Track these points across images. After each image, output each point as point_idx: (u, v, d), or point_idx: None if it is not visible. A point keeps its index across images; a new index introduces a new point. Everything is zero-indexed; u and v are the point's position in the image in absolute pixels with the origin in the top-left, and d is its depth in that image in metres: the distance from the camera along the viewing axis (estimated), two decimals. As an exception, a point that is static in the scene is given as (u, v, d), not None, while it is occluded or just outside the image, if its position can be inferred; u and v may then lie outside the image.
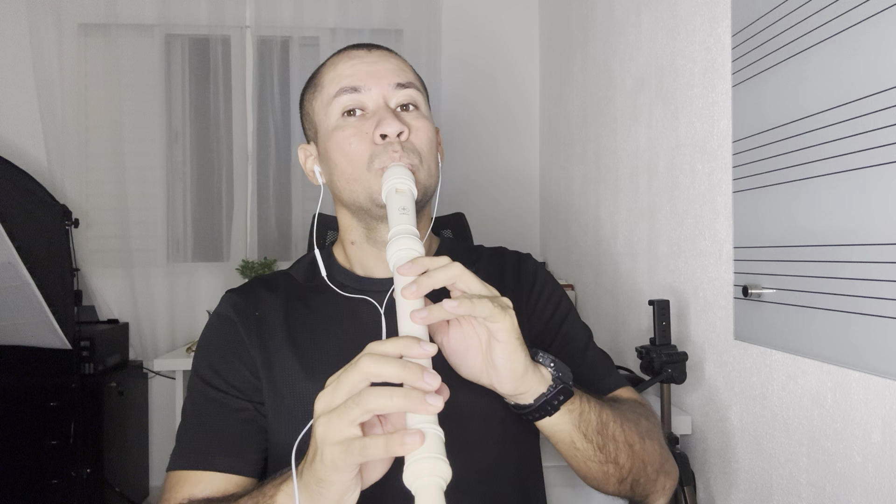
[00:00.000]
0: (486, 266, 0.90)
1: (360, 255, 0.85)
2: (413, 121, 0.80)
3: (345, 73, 0.81)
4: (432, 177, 0.82)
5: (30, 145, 2.71)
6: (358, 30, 2.83)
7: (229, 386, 0.79)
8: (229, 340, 0.82)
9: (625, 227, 1.87)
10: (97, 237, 2.76)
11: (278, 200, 2.87)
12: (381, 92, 0.80)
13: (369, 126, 0.78)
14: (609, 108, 2.00)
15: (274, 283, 0.88)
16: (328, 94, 0.82)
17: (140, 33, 2.78)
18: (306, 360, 0.79)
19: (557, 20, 2.65)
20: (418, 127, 0.80)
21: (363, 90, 0.80)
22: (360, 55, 0.83)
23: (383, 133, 0.77)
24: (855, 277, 0.93)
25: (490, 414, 0.77)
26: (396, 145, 0.77)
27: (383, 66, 0.82)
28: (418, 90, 0.83)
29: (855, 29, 0.93)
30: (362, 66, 0.81)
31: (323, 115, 0.83)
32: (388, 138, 0.77)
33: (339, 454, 0.52)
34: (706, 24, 1.39)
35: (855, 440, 0.96)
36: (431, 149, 0.82)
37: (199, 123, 2.86)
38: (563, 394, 0.68)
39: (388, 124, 0.77)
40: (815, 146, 1.01)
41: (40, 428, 2.28)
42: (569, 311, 0.91)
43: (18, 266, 2.01)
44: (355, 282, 0.84)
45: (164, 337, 2.76)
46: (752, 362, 1.22)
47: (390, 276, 0.83)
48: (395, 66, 0.83)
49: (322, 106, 0.83)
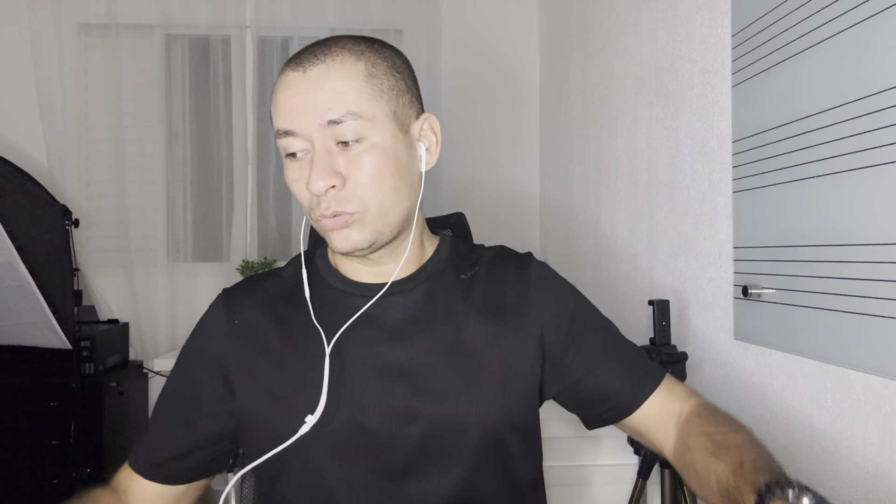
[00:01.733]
0: (486, 273, 0.86)
1: (345, 263, 0.84)
2: (351, 161, 0.71)
3: (279, 108, 0.73)
4: (385, 215, 0.74)
5: (30, 145, 2.71)
6: (358, 30, 2.83)
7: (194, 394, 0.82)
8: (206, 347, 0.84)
9: (625, 227, 1.87)
10: (97, 237, 2.76)
11: (278, 200, 2.87)
12: (311, 133, 0.71)
13: (306, 173, 0.72)
14: (609, 108, 2.00)
15: (267, 284, 0.88)
16: (275, 127, 0.75)
17: (140, 33, 2.77)
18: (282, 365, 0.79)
19: (557, 20, 2.65)
20: (359, 166, 0.71)
21: (295, 132, 0.72)
22: (294, 81, 0.72)
23: (310, 190, 0.71)
24: (854, 277, 0.93)
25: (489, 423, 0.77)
26: (327, 200, 0.71)
27: (315, 97, 0.70)
28: (360, 117, 0.71)
29: (855, 29, 0.93)
30: (294, 98, 0.72)
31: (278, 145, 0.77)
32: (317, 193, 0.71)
33: None
34: (706, 24, 1.39)
35: (855, 440, 0.96)
36: (381, 184, 0.73)
37: (199, 123, 2.86)
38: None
39: (311, 182, 0.70)
40: (815, 146, 1.01)
41: (40, 428, 2.27)
42: (585, 312, 0.88)
43: (18, 266, 2.01)
44: (347, 286, 0.83)
45: (164, 337, 2.76)
46: (752, 362, 1.22)
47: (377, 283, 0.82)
48: (333, 91, 0.70)
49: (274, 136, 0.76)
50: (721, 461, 0.69)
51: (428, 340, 0.78)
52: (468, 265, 0.86)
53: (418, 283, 0.82)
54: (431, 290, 0.82)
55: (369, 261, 0.81)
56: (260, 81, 2.83)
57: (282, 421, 0.75)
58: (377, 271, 0.82)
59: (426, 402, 0.75)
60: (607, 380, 0.84)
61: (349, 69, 0.72)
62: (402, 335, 0.79)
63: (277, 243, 2.86)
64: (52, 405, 2.28)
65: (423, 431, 0.75)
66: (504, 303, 0.83)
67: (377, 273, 0.82)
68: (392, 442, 0.75)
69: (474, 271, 0.86)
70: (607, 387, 0.83)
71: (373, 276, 0.83)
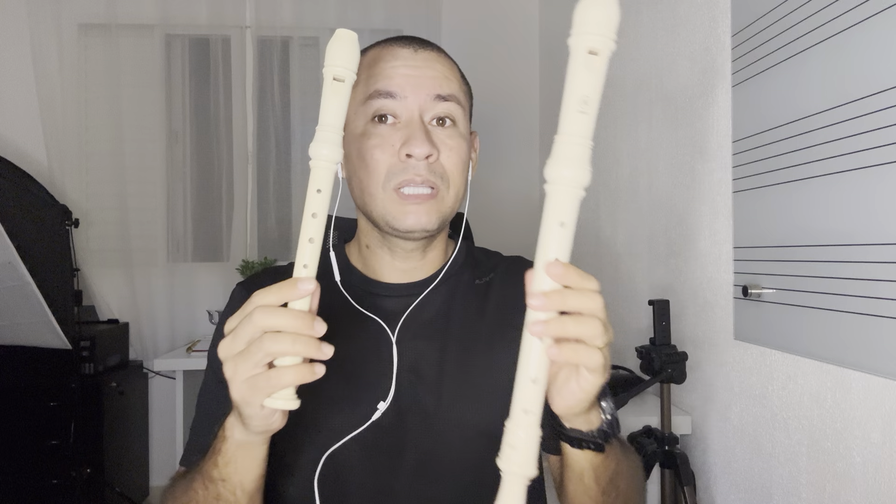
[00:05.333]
0: (501, 281, 0.85)
1: (373, 260, 0.83)
2: (446, 139, 0.74)
3: (383, 73, 0.74)
4: (454, 203, 0.76)
5: (30, 145, 2.71)
6: (358, 30, 2.79)
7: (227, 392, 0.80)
8: None
9: (625, 227, 1.87)
10: (97, 237, 2.76)
11: (278, 200, 2.87)
12: (418, 103, 0.73)
13: (397, 139, 0.72)
14: (609, 109, 2.00)
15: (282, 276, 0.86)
16: (362, 93, 0.75)
17: (140, 33, 2.78)
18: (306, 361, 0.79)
19: (557, 20, 2.65)
20: (451, 147, 0.74)
21: (399, 97, 0.73)
22: (405, 56, 0.75)
23: (409, 153, 0.72)
24: (854, 277, 0.93)
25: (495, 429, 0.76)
26: (421, 167, 0.72)
27: (427, 72, 0.75)
28: (459, 104, 0.76)
29: (855, 29, 0.93)
30: (404, 69, 0.74)
31: (353, 113, 0.75)
32: (414, 158, 0.72)
33: (248, 391, 0.55)
34: (706, 24, 1.39)
35: (855, 440, 0.96)
36: (462, 172, 0.76)
37: (199, 123, 2.86)
38: (595, 446, 0.65)
39: (416, 144, 0.71)
40: (815, 146, 1.01)
41: (40, 428, 2.28)
42: None
43: (18, 266, 2.01)
44: (365, 284, 0.82)
45: (164, 337, 2.76)
46: (752, 362, 1.22)
47: (400, 282, 0.81)
48: (440, 73, 0.75)
49: (353, 103, 0.75)
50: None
51: (441, 342, 0.78)
52: (483, 271, 0.86)
53: (438, 286, 0.82)
54: (448, 293, 0.82)
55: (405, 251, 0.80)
56: (260, 81, 2.83)
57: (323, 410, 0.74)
58: (405, 268, 0.82)
59: (435, 404, 0.75)
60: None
61: (451, 65, 0.79)
62: (418, 335, 0.79)
63: (277, 243, 2.86)
64: (52, 405, 2.28)
65: (431, 433, 0.75)
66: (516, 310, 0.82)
67: (404, 271, 0.82)
68: (401, 442, 0.75)
69: (490, 277, 0.85)
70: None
71: (398, 274, 0.82)
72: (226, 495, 0.66)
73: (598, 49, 0.51)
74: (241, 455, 0.64)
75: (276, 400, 0.55)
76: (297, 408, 0.57)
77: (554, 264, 0.52)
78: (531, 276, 0.53)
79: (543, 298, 0.52)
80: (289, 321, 0.55)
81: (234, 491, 0.66)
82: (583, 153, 0.52)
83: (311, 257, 0.58)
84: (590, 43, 0.51)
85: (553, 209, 0.53)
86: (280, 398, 0.55)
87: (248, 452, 0.64)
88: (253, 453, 0.64)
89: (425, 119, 0.74)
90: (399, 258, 0.81)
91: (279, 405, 0.55)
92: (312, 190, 0.57)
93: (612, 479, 0.70)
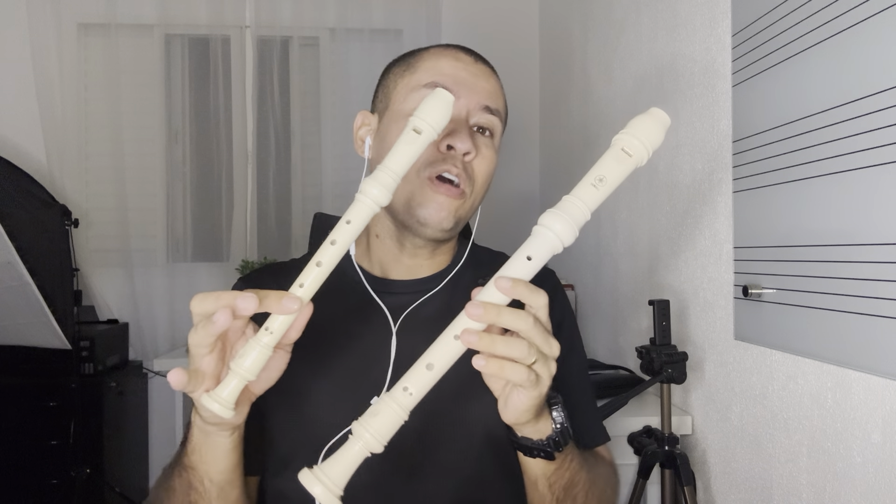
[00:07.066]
0: None
1: (381, 252, 0.83)
2: (483, 147, 0.78)
3: (444, 71, 0.78)
4: (470, 212, 0.80)
5: (30, 145, 2.71)
6: (358, 30, 2.83)
7: None
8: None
9: (625, 227, 1.87)
10: (97, 237, 2.76)
11: (278, 200, 2.87)
12: (468, 105, 0.78)
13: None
14: (609, 108, 2.00)
15: (283, 273, 0.85)
16: (418, 80, 0.78)
17: (140, 33, 2.77)
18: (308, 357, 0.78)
19: (557, 20, 2.65)
20: (485, 155, 0.78)
21: (454, 93, 0.77)
22: (466, 61, 0.80)
23: (452, 145, 0.75)
24: (855, 277, 0.93)
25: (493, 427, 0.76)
26: (459, 161, 0.75)
27: (482, 83, 0.80)
28: (500, 120, 0.81)
29: (855, 29, 0.93)
30: (463, 73, 0.79)
31: (403, 95, 0.79)
32: (454, 152, 0.75)
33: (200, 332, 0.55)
34: (706, 24, 1.39)
35: (855, 440, 0.96)
36: (485, 182, 0.80)
37: (199, 123, 2.86)
38: (545, 454, 0.67)
39: (461, 139, 0.74)
40: (815, 146, 1.01)
41: (40, 428, 2.28)
42: (571, 347, 0.87)
43: (18, 266, 2.01)
44: (367, 280, 0.82)
45: (164, 337, 2.76)
46: (752, 362, 1.22)
47: (406, 279, 0.82)
48: (492, 88, 0.81)
49: (406, 87, 0.79)
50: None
51: None
52: (486, 270, 0.87)
53: (442, 282, 0.83)
54: (450, 291, 0.83)
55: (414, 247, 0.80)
56: (260, 81, 2.83)
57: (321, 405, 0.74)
58: (410, 264, 0.82)
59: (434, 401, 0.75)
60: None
61: (501, 85, 0.84)
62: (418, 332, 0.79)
63: (277, 243, 2.86)
64: (52, 405, 2.28)
65: (431, 430, 0.75)
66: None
67: (409, 267, 0.82)
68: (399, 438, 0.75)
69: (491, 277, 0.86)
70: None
71: (402, 269, 0.82)
72: (195, 484, 0.66)
73: (632, 153, 0.59)
74: (205, 444, 0.64)
75: (212, 403, 0.55)
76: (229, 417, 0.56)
77: (503, 278, 0.56)
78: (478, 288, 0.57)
79: (480, 309, 0.55)
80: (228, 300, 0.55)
81: (202, 480, 0.66)
82: (580, 218, 0.56)
83: (312, 280, 0.58)
84: (630, 145, 0.59)
85: (530, 246, 0.57)
86: (216, 402, 0.55)
87: (210, 441, 0.64)
88: (215, 443, 0.64)
89: (470, 121, 0.78)
90: (407, 253, 0.82)
91: (214, 408, 0.55)
92: (343, 220, 0.58)
93: (567, 488, 0.71)
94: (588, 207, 0.56)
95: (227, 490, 0.67)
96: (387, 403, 0.55)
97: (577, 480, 0.72)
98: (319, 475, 0.54)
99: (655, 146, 0.59)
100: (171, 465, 0.72)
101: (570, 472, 0.71)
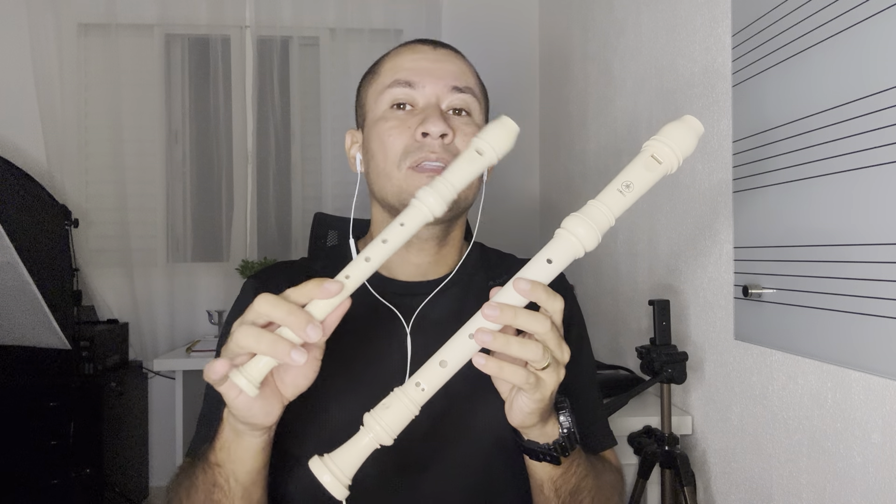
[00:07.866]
0: None
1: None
2: (462, 125, 0.78)
3: (403, 66, 0.79)
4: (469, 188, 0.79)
5: (30, 145, 2.71)
6: (358, 30, 2.83)
7: None
8: None
9: (625, 227, 1.87)
10: (97, 237, 2.76)
11: (278, 200, 2.87)
12: (435, 91, 0.78)
13: (414, 122, 0.76)
14: (609, 108, 2.00)
15: (293, 272, 0.85)
16: (382, 83, 0.79)
17: (140, 33, 2.78)
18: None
19: (557, 20, 2.65)
20: (466, 133, 0.77)
21: (417, 86, 0.77)
22: (424, 51, 0.81)
23: (425, 131, 0.74)
24: (855, 277, 0.93)
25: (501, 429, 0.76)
26: (436, 145, 0.74)
27: (444, 66, 0.79)
28: (475, 97, 0.80)
29: (855, 29, 0.93)
30: (423, 62, 0.79)
31: (373, 103, 0.80)
32: (430, 137, 0.75)
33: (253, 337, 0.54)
34: (706, 24, 1.39)
35: (855, 440, 0.96)
36: None
37: (199, 123, 2.86)
38: (551, 458, 0.67)
39: (432, 123, 0.74)
40: (815, 146, 1.01)
41: (40, 428, 2.28)
42: (580, 351, 0.87)
43: (18, 266, 2.01)
44: (378, 281, 0.82)
45: (163, 337, 2.76)
46: (752, 362, 1.22)
47: (413, 280, 0.82)
48: (457, 68, 0.80)
49: (374, 94, 0.80)
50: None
51: None
52: (497, 272, 0.87)
53: (453, 284, 0.83)
54: (461, 294, 0.83)
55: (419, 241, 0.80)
56: (260, 81, 2.83)
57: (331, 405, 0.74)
58: (418, 263, 0.82)
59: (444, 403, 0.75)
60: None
61: (468, 64, 0.84)
62: (429, 333, 0.78)
63: (277, 243, 2.86)
64: (52, 405, 2.28)
65: (439, 432, 0.75)
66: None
67: (417, 266, 0.82)
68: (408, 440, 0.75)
69: (503, 279, 0.86)
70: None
71: (411, 270, 0.82)
72: (220, 482, 0.66)
73: (663, 160, 0.58)
74: (235, 442, 0.64)
75: (239, 377, 0.55)
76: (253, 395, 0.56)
77: (521, 280, 0.55)
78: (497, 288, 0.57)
79: (497, 310, 0.54)
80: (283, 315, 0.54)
81: (227, 479, 0.66)
82: (604, 223, 0.56)
83: (358, 272, 0.58)
84: (660, 152, 0.58)
85: (551, 249, 0.56)
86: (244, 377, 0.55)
87: (240, 441, 0.64)
88: (245, 443, 0.64)
89: (442, 106, 0.78)
90: (414, 251, 0.82)
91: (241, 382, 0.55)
92: (397, 221, 0.59)
93: (573, 493, 0.71)
94: (613, 213, 0.56)
95: (251, 490, 0.67)
96: (398, 397, 0.55)
97: (583, 486, 0.72)
98: (329, 464, 0.54)
99: (687, 154, 0.58)
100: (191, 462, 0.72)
101: (576, 478, 0.71)
